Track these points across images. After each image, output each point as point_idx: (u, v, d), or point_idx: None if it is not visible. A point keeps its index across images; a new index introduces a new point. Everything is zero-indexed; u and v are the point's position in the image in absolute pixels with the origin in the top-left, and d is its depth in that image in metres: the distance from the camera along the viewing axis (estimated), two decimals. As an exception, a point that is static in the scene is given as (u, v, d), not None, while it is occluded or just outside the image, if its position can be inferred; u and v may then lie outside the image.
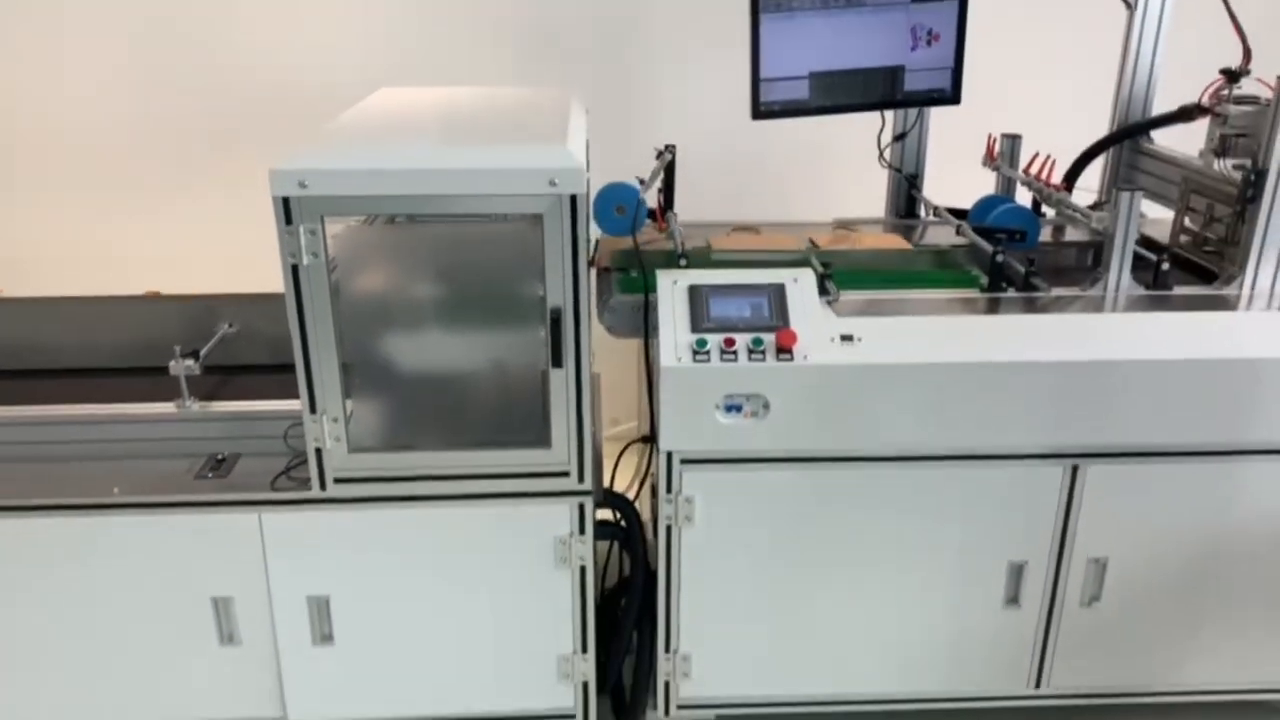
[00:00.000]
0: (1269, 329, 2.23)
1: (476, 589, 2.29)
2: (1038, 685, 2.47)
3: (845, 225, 2.82)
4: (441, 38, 3.61)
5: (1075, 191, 2.85)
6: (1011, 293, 2.36)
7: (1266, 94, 2.34)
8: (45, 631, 2.27)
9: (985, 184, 2.94)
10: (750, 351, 2.16)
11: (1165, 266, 2.38)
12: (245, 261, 3.21)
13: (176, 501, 2.18)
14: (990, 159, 2.91)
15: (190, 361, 2.32)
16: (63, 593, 2.24)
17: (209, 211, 3.67)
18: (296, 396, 2.19)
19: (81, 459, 2.30)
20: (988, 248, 2.40)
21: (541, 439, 2.17)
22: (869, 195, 3.07)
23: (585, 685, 2.39)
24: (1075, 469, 2.26)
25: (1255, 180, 2.29)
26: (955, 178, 2.95)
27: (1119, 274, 2.34)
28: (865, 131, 2.83)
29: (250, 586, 2.26)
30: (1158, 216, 2.81)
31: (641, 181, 2.50)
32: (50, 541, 2.19)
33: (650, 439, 2.38)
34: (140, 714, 2.36)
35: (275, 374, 2.54)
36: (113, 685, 2.33)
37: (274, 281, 2.61)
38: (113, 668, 2.31)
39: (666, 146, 2.64)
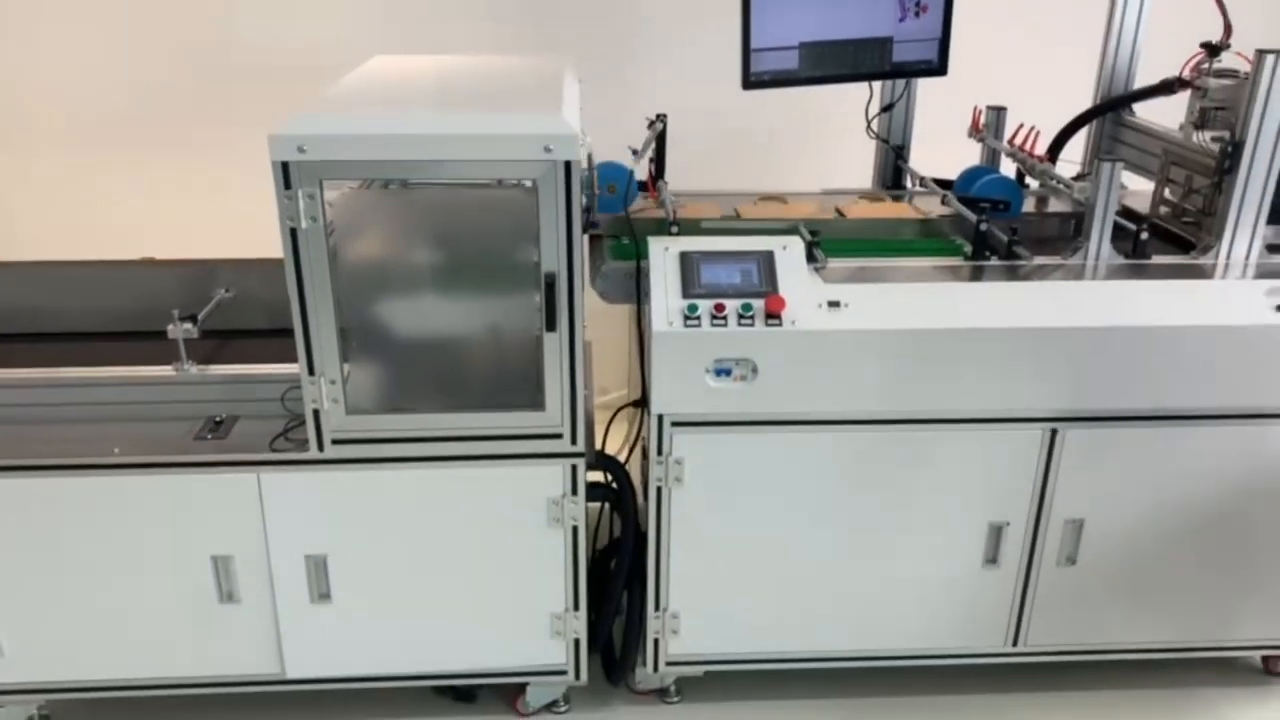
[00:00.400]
0: (1243, 297, 2.29)
1: (471, 548, 2.35)
2: (1015, 643, 2.55)
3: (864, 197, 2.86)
4: (435, 6, 3.62)
5: (1059, 163, 2.90)
6: (994, 261, 2.42)
7: (1245, 68, 2.39)
8: (46, 590, 2.31)
9: (971, 156, 2.99)
10: (740, 317, 2.21)
11: (1144, 236, 2.44)
12: (238, 228, 3.24)
13: (176, 462, 2.22)
14: (976, 131, 2.96)
15: (188, 325, 2.36)
16: (64, 552, 2.28)
17: (202, 179, 3.68)
18: (293, 360, 2.23)
19: (82, 421, 2.34)
20: (972, 217, 2.45)
21: (535, 402, 2.22)
22: (857, 166, 3.12)
23: (577, 642, 2.46)
24: (1054, 433, 2.33)
25: (1232, 152, 2.34)
26: (942, 149, 3.00)
27: (1099, 243, 2.39)
28: (854, 102, 2.87)
29: (249, 545, 2.30)
30: (1139, 188, 2.87)
31: (634, 151, 2.54)
32: (52, 501, 2.23)
33: (641, 404, 2.43)
34: (141, 670, 2.41)
35: (272, 338, 2.58)
36: (114, 641, 2.38)
37: (268, 247, 2.65)
38: (114, 624, 2.36)
39: (658, 116, 2.67)
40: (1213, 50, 2.56)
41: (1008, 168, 2.87)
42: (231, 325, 2.62)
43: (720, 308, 2.21)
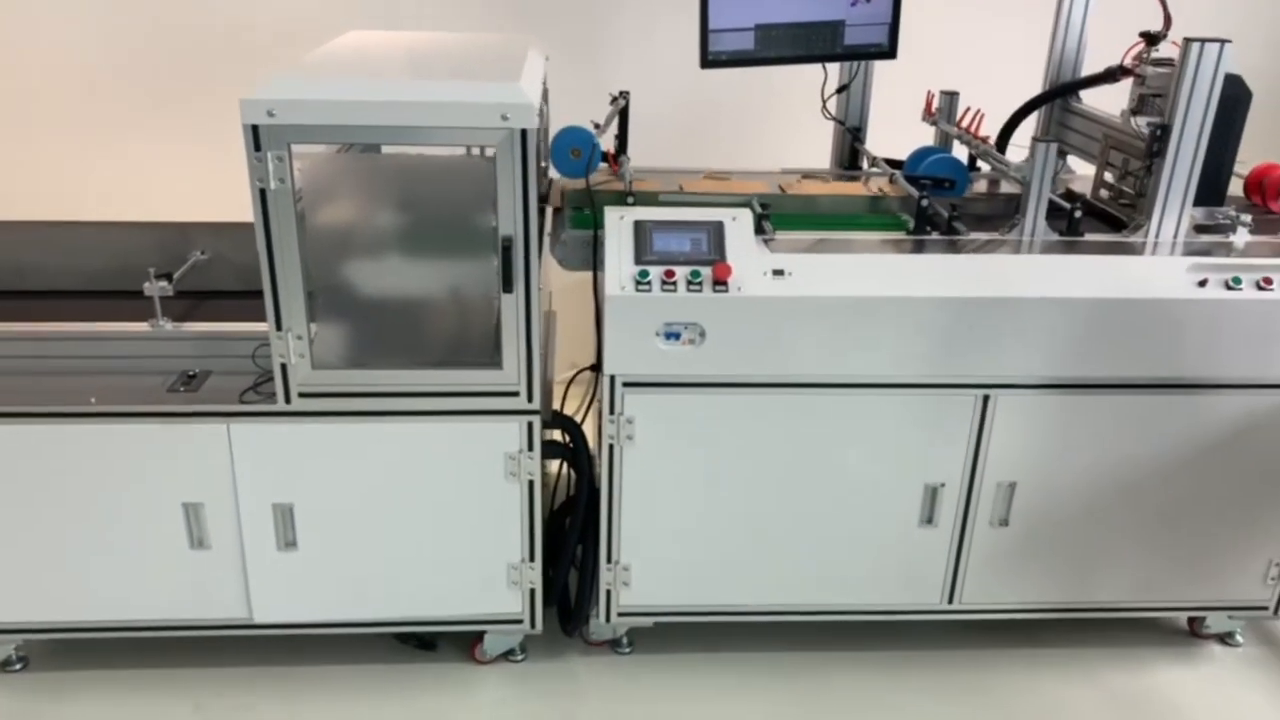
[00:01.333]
0: (1167, 273, 2.42)
1: (432, 500, 2.46)
2: (951, 600, 2.68)
3: (808, 175, 2.98)
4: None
5: (1011, 147, 3.02)
6: (935, 236, 2.54)
7: (1179, 56, 2.51)
8: (24, 534, 2.42)
9: (928, 139, 3.11)
10: (689, 283, 2.32)
11: (1078, 215, 2.56)
12: (213, 194, 3.34)
13: (150, 412, 2.33)
14: (929, 114, 3.08)
15: (164, 283, 2.46)
16: (41, 497, 2.39)
17: (179, 148, 3.77)
18: (264, 320, 2.34)
19: (60, 374, 2.44)
20: (915, 193, 2.57)
21: (493, 361, 2.33)
22: (815, 147, 3.24)
23: (532, 592, 2.57)
24: (987, 399, 2.45)
25: (1161, 136, 2.47)
26: (903, 133, 3.12)
27: (1034, 219, 2.52)
28: (813, 85, 2.98)
29: (219, 493, 2.41)
30: (1086, 172, 3.00)
31: (597, 126, 2.65)
32: (29, 449, 2.33)
33: (597, 367, 2.55)
34: (115, 613, 2.52)
35: (244, 299, 2.68)
36: (88, 585, 2.48)
37: (241, 213, 2.76)
38: (88, 568, 2.46)
39: (621, 93, 2.78)
40: (1151, 39, 2.68)
41: (961, 150, 2.99)
42: (206, 286, 2.72)
43: (670, 274, 2.32)
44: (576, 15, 3.79)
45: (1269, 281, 2.41)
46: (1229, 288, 2.40)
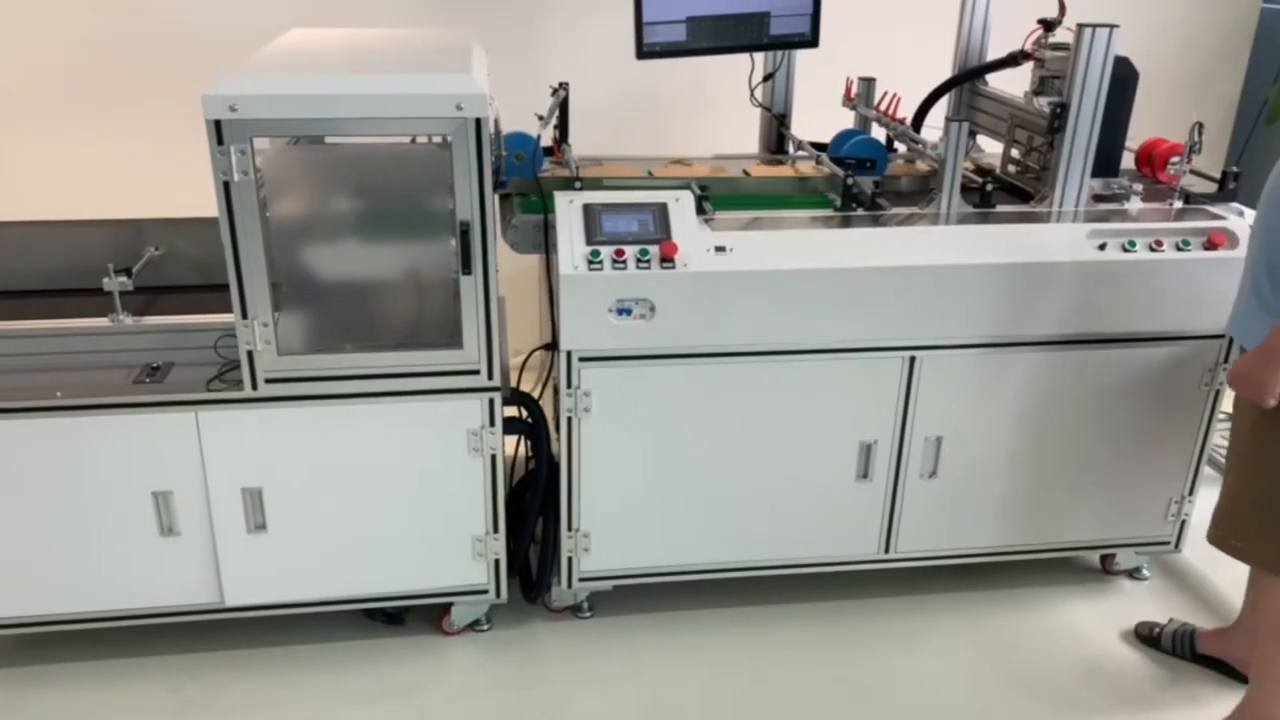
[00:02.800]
0: (1070, 238, 2.65)
1: (398, 478, 2.56)
2: (887, 550, 2.88)
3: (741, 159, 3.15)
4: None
5: (926, 129, 3.23)
6: (860, 212, 2.73)
7: (1074, 40, 2.74)
8: (-7, 529, 2.46)
9: (849, 122, 3.31)
10: (638, 261, 2.47)
11: (989, 188, 2.79)
12: (160, 191, 3.38)
13: (118, 403, 2.39)
14: (848, 99, 3.28)
15: (123, 278, 2.51)
16: (8, 492, 2.42)
17: (122, 145, 3.77)
18: (222, 312, 2.42)
19: (22, 371, 2.47)
20: (840, 173, 2.76)
21: (454, 341, 2.45)
22: (745, 133, 3.41)
23: (497, 563, 2.70)
24: (913, 360, 2.65)
25: (1060, 114, 2.70)
26: (822, 117, 3.32)
27: (949, 194, 2.73)
28: (741, 74, 3.15)
29: (189, 481, 2.48)
30: (994, 150, 3.23)
31: (540, 117, 2.78)
32: (-2, 442, 2.38)
33: (552, 346, 2.68)
34: (86, 604, 2.56)
35: (201, 292, 2.75)
36: (58, 578, 2.52)
37: (190, 208, 2.82)
38: (60, 560, 2.50)
39: (561, 84, 2.91)
40: (1048, 26, 2.92)
41: (879, 133, 3.19)
42: (162, 281, 2.77)
43: (620, 253, 2.47)
44: (505, 11, 3.89)
45: (1160, 243, 2.66)
46: (1125, 250, 2.64)
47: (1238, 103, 4.60)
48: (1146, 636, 2.83)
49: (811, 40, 2.89)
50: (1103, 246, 2.64)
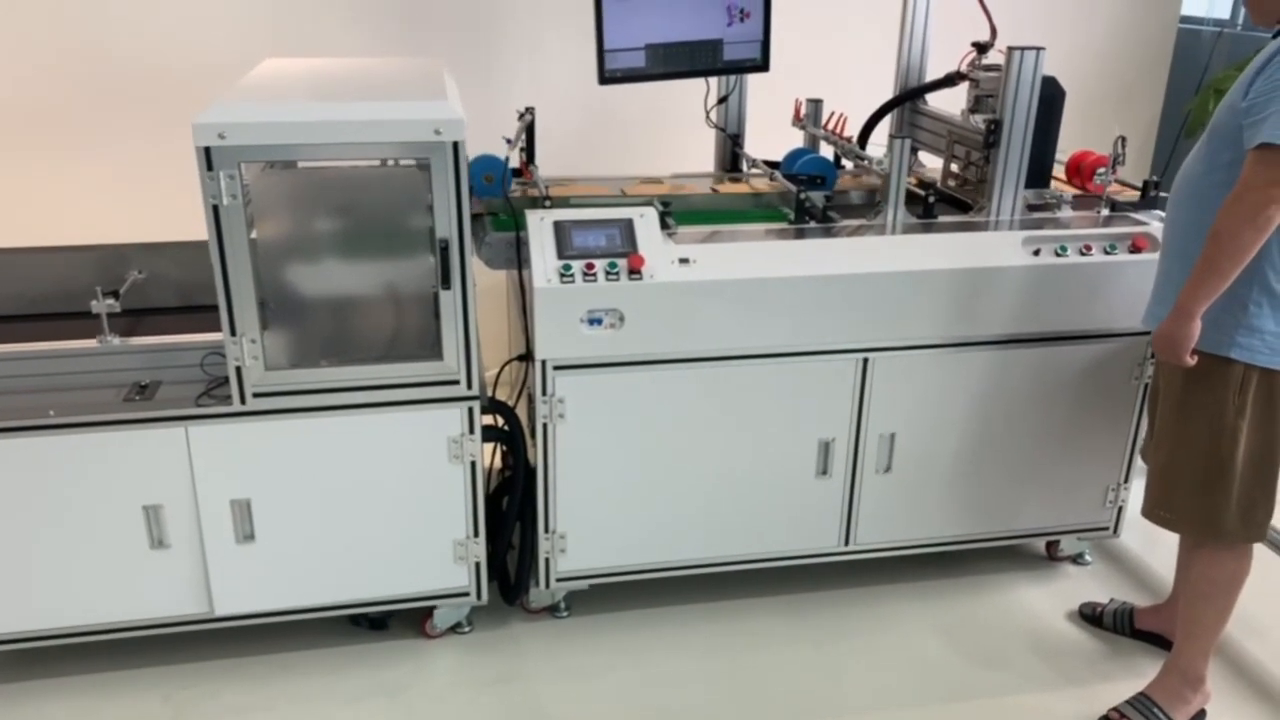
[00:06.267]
0: (1007, 245, 2.85)
1: (381, 486, 2.67)
2: (847, 542, 3.05)
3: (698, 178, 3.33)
4: (303, 14, 3.89)
5: (871, 145, 3.43)
6: (813, 224, 2.91)
7: (1005, 62, 2.96)
8: (-15, 546, 2.52)
9: (797, 141, 3.50)
10: (607, 273, 2.62)
11: (932, 200, 2.98)
12: (134, 218, 3.45)
13: (110, 420, 2.47)
14: (797, 119, 3.48)
15: (111, 300, 2.61)
16: (5, 506, 2.49)
17: (99, 173, 3.84)
18: (206, 331, 2.53)
19: (13, 393, 2.55)
20: (792, 189, 2.94)
21: (434, 352, 2.57)
22: (702, 153, 3.59)
23: (477, 565, 2.81)
24: (865, 361, 2.83)
25: (995, 129, 2.91)
26: (777, 137, 3.51)
27: (895, 206, 2.92)
28: (697, 97, 3.33)
29: (178, 494, 2.56)
30: (934, 165, 3.44)
31: (508, 140, 2.93)
32: (-9, 462, 2.45)
33: (525, 357, 2.82)
34: (79, 618, 2.63)
35: (184, 314, 2.85)
36: (51, 594, 2.59)
37: (170, 232, 2.92)
38: (53, 575, 2.57)
39: (527, 109, 3.07)
40: (981, 49, 3.14)
41: (827, 150, 3.39)
42: (145, 304, 2.86)
43: (590, 266, 2.62)
44: (469, 40, 4.04)
45: (1089, 248, 2.87)
46: (1058, 255, 2.85)
47: (1159, 116, 4.89)
48: (1090, 615, 3.02)
49: (762, 65, 3.08)
50: (1037, 252, 2.84)
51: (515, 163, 3.00)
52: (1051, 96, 2.96)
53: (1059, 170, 3.26)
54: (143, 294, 2.87)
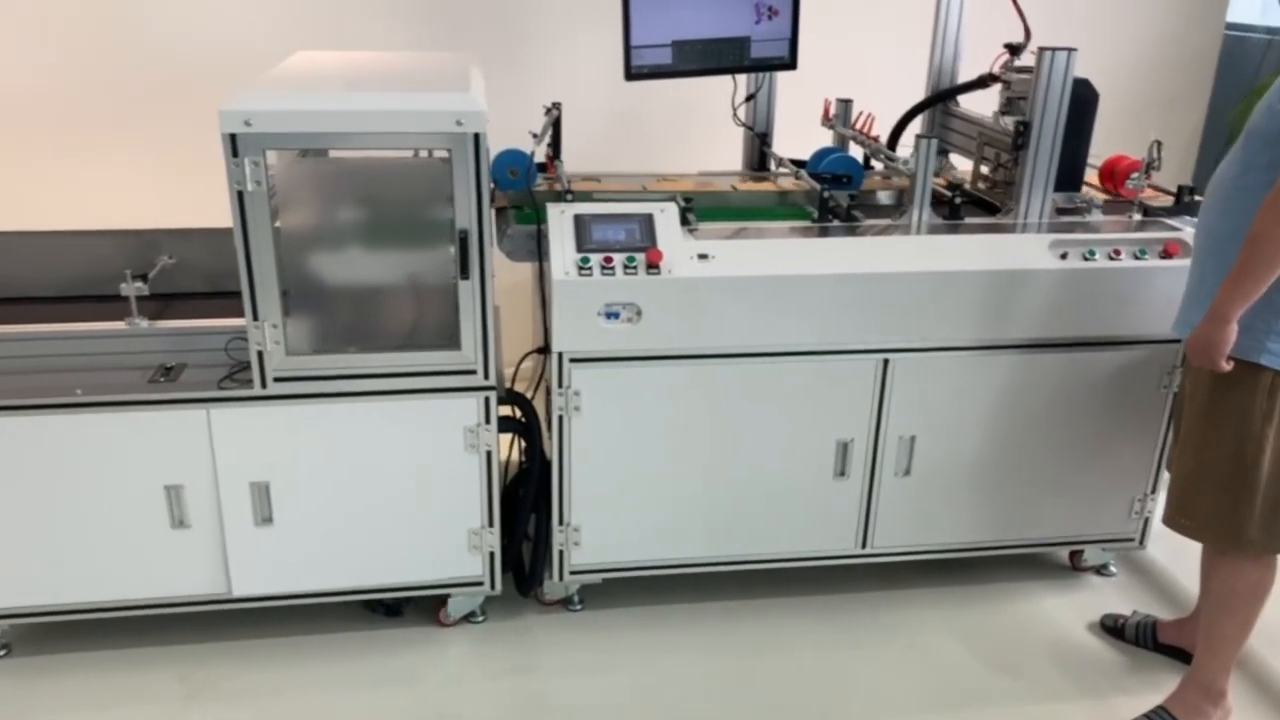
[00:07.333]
0: (1033, 247, 2.81)
1: (397, 473, 2.70)
2: (864, 545, 3.02)
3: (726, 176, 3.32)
4: (341, 8, 3.95)
5: (900, 147, 3.41)
6: (836, 224, 2.89)
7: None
8: (12, 519, 2.57)
9: (829, 141, 3.48)
10: (625, 267, 2.62)
11: (958, 202, 2.95)
12: (168, 205, 3.52)
13: (134, 400, 2.52)
14: (826, 119, 3.46)
15: (139, 284, 2.66)
16: (29, 485, 2.55)
17: (140, 159, 3.93)
18: (231, 316, 2.57)
19: (43, 371, 2.61)
20: (817, 187, 2.93)
21: (452, 342, 2.59)
22: (730, 151, 3.58)
23: (492, 555, 2.83)
24: (886, 362, 2.80)
25: (1024, 131, 2.87)
26: (804, 136, 3.49)
27: (920, 206, 2.89)
28: (725, 95, 3.32)
29: (199, 475, 2.61)
30: (967, 167, 3.40)
31: (534, 135, 2.94)
32: (19, 438, 2.50)
33: (544, 349, 2.83)
34: (98, 594, 2.69)
35: (211, 299, 2.90)
36: (73, 569, 2.65)
37: (200, 219, 2.97)
38: (73, 552, 2.63)
39: (554, 104, 3.08)
40: (1014, 50, 3.10)
41: (857, 151, 3.36)
42: (174, 288, 2.91)
43: (609, 260, 2.62)
44: (502, 35, 4.08)
45: (1118, 252, 2.82)
46: (1085, 259, 2.80)
47: (1203, 123, 4.80)
48: (1111, 627, 2.97)
49: (790, 63, 3.06)
50: (1064, 255, 2.80)
51: (541, 157, 3.02)
52: (1084, 99, 2.92)
53: (1094, 175, 3.21)
54: (172, 279, 2.92)
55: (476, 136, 2.40)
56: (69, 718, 2.58)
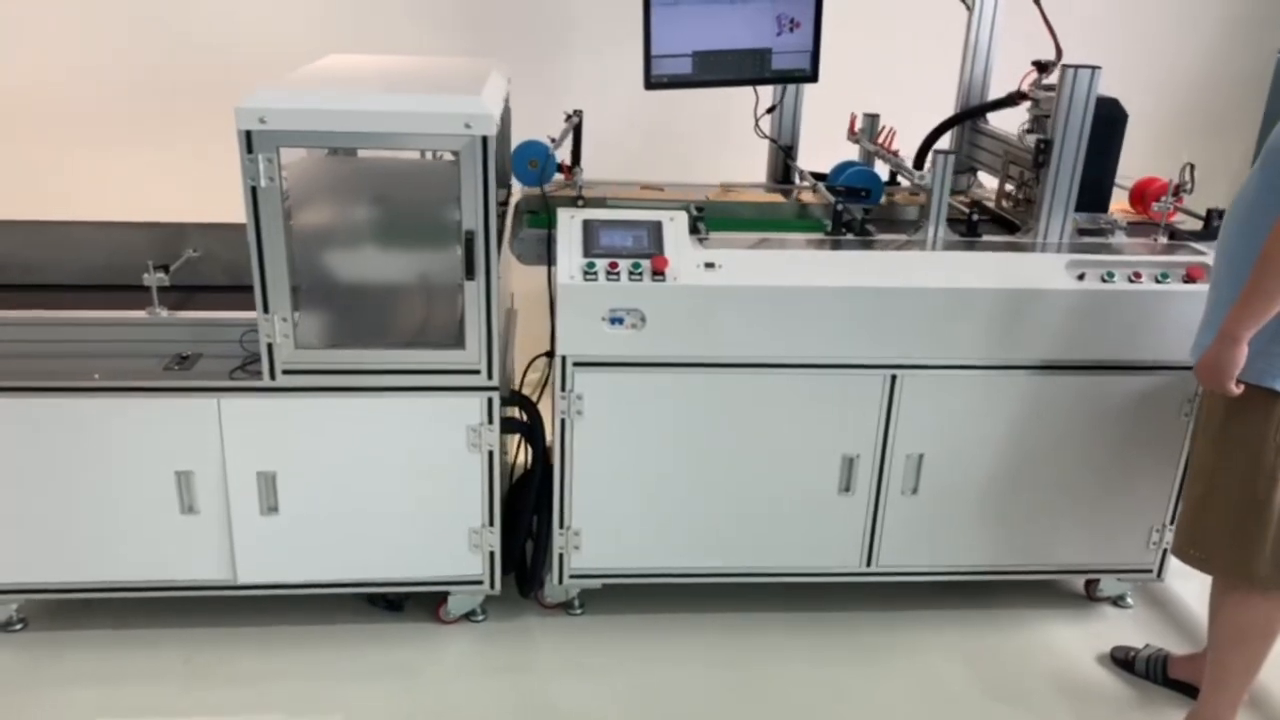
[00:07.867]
0: (1050, 267, 2.76)
1: (400, 468, 2.73)
2: (869, 563, 2.98)
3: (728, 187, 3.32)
4: (387, 15, 4.04)
5: (927, 164, 3.36)
6: (849, 237, 2.87)
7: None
8: (27, 500, 2.66)
9: (856, 156, 3.46)
10: (631, 273, 2.63)
11: (977, 219, 2.91)
12: (196, 200, 3.62)
13: (148, 387, 2.60)
14: (851, 133, 3.43)
15: (161, 275, 2.74)
16: (45, 466, 2.63)
17: (169, 157, 4.06)
18: (251, 309, 2.62)
19: (65, 356, 2.69)
20: (832, 200, 2.91)
21: (457, 341, 2.63)
22: (754, 164, 3.58)
23: (492, 555, 2.85)
24: (894, 378, 2.77)
25: (1045, 149, 2.82)
26: (833, 150, 3.47)
27: (936, 223, 2.86)
28: (747, 106, 3.32)
29: (209, 463, 2.67)
30: (994, 186, 3.34)
31: (552, 140, 2.97)
32: (37, 420, 2.59)
33: (550, 353, 2.85)
34: (109, 575, 2.76)
35: (231, 292, 2.96)
36: (86, 548, 2.73)
37: (228, 214, 3.04)
38: (86, 533, 2.71)
39: (575, 111, 3.11)
40: (1042, 67, 3.05)
41: (882, 166, 3.33)
42: (197, 281, 3.00)
43: (614, 265, 2.64)
44: (533, 45, 4.13)
45: (1138, 275, 2.75)
46: (1104, 281, 2.74)
47: (1253, 149, 4.66)
48: (1122, 660, 2.88)
49: (811, 76, 3.05)
50: (1081, 276, 2.74)
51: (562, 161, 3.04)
52: (1112, 118, 2.87)
53: (1124, 196, 3.14)
54: (195, 271, 3.01)
55: (485, 140, 2.43)
56: (78, 692, 2.65)
